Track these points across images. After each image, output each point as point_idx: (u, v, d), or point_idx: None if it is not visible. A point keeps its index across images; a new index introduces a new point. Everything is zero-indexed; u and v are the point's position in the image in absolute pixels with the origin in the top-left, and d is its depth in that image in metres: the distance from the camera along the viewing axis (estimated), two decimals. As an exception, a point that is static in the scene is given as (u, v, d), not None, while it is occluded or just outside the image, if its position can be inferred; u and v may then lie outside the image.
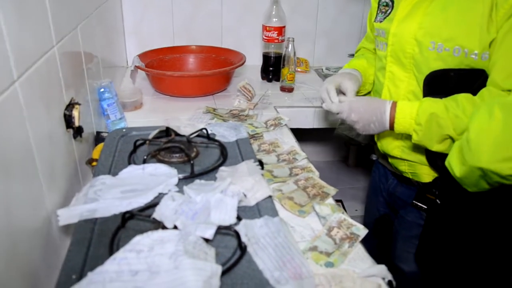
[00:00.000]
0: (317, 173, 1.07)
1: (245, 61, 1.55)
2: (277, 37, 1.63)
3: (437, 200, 1.00)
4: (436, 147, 0.91)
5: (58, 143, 0.81)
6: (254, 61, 1.81)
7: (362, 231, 0.86)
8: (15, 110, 0.61)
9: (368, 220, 1.35)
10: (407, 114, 0.91)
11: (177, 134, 0.96)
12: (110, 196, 0.77)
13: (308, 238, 0.84)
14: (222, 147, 0.95)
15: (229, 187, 0.79)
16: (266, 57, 1.69)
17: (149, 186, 0.80)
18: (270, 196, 0.78)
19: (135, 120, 1.33)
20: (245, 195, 0.78)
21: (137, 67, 1.50)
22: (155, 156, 0.91)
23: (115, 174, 0.85)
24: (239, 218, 0.72)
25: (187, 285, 0.56)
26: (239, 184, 0.80)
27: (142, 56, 1.60)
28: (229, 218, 0.70)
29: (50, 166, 0.75)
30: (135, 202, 0.75)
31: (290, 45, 1.52)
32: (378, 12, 1.07)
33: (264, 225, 0.70)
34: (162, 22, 1.82)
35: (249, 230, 0.69)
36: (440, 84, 0.93)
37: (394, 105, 0.94)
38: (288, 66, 1.54)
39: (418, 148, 1.00)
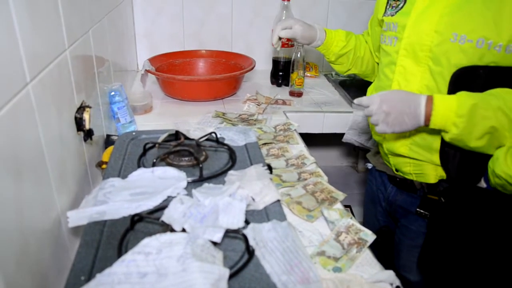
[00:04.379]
0: (325, 177, 1.06)
1: (254, 66, 1.56)
2: (287, 42, 1.63)
3: (441, 199, 0.99)
4: (474, 143, 0.84)
5: (69, 145, 0.82)
6: (264, 66, 1.82)
7: (370, 236, 0.86)
8: (28, 112, 0.62)
9: None
10: (446, 107, 0.84)
11: (186, 138, 0.97)
12: (119, 198, 0.78)
13: (316, 243, 0.84)
14: (231, 151, 0.95)
15: (237, 191, 0.79)
16: (275, 61, 1.70)
17: (158, 189, 0.80)
18: (278, 200, 0.78)
19: (145, 123, 1.34)
20: (253, 199, 0.78)
21: (147, 71, 1.51)
22: (164, 160, 0.91)
23: (124, 176, 0.85)
24: (247, 222, 0.72)
25: (195, 287, 0.56)
26: (247, 188, 0.80)
27: (153, 60, 1.61)
28: (237, 221, 0.70)
29: (61, 168, 0.76)
30: (144, 205, 0.76)
31: (299, 50, 1.52)
32: (388, 7, 1.06)
33: (272, 229, 0.70)
34: (172, 26, 1.84)
35: (257, 234, 0.69)
36: (467, 82, 0.89)
37: (429, 99, 0.86)
38: (297, 70, 1.55)
39: (426, 146, 0.99)
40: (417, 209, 1.07)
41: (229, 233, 0.67)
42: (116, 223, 0.72)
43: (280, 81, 1.71)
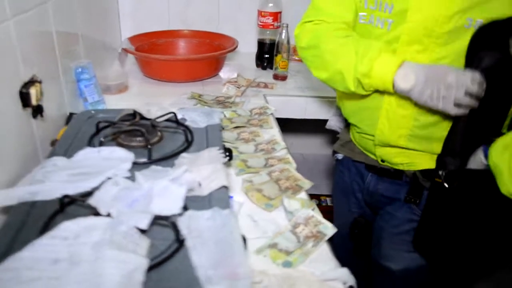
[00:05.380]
0: (294, 164, 1.00)
1: (236, 47, 1.49)
2: (272, 23, 1.56)
3: (445, 184, 0.92)
4: None
5: (9, 121, 0.77)
6: (252, 49, 1.75)
7: (330, 230, 0.80)
8: None
9: (339, 223, 1.27)
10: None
11: (142, 118, 0.91)
12: (57, 178, 0.73)
13: (270, 234, 0.78)
14: (188, 133, 0.89)
15: (183, 174, 0.73)
16: (261, 43, 1.62)
17: (101, 170, 0.75)
18: (225, 187, 0.72)
19: (117, 103, 1.29)
20: (200, 184, 0.73)
21: (124, 50, 1.46)
22: (115, 139, 0.86)
23: (70, 156, 0.80)
24: (186, 208, 0.66)
25: (103, 278, 0.51)
26: (196, 172, 0.75)
27: (133, 39, 1.55)
28: (173, 207, 0.65)
29: (-7, 145, 0.71)
30: (81, 186, 0.71)
31: (284, 32, 1.45)
32: None
33: (211, 218, 0.64)
34: (158, 6, 1.77)
35: (193, 222, 0.63)
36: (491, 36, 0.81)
37: None
38: (281, 53, 1.47)
39: (427, 136, 0.93)
40: (407, 196, 1.02)
41: (158, 220, 0.61)
42: (47, 205, 0.67)
43: (265, 64, 1.63)
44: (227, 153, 0.89)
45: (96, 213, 0.62)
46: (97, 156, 0.80)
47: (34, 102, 0.83)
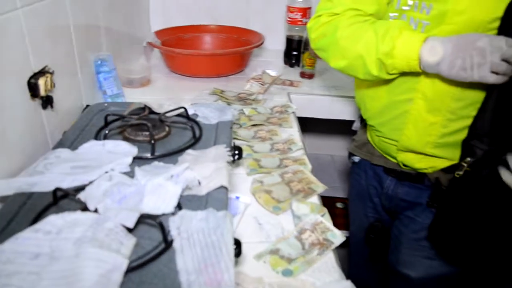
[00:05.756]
0: (309, 166, 0.95)
1: (262, 43, 1.45)
2: (301, 19, 1.50)
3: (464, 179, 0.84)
4: None
5: (16, 111, 0.77)
6: (280, 45, 1.70)
7: (338, 238, 0.74)
8: None
9: (355, 229, 1.21)
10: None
11: (151, 112, 0.89)
12: (58, 170, 0.72)
13: (274, 239, 0.74)
14: (197, 129, 0.86)
15: (184, 172, 0.70)
16: (289, 40, 1.57)
17: (101, 164, 0.73)
18: (224, 187, 0.68)
19: (137, 97, 1.28)
20: (199, 183, 0.69)
21: (149, 43, 1.45)
22: (122, 133, 0.84)
23: (75, 148, 0.79)
24: (180, 208, 0.63)
25: (80, 276, 0.48)
26: (197, 170, 0.72)
27: (160, 33, 1.55)
28: (165, 206, 0.62)
29: (-2, 134, 0.71)
30: (79, 179, 0.69)
31: (311, 27, 1.39)
32: None
33: (203, 219, 0.61)
34: (188, 1, 1.76)
35: (185, 222, 0.60)
36: None
37: None
38: (309, 50, 1.42)
39: (456, 142, 0.85)
40: (429, 201, 0.94)
41: (146, 219, 0.58)
42: (43, 197, 0.66)
43: (293, 61, 1.58)
44: (236, 152, 0.85)
45: (84, 208, 0.60)
46: (101, 149, 0.78)
47: (42, 92, 0.83)
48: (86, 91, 1.09)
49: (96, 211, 0.59)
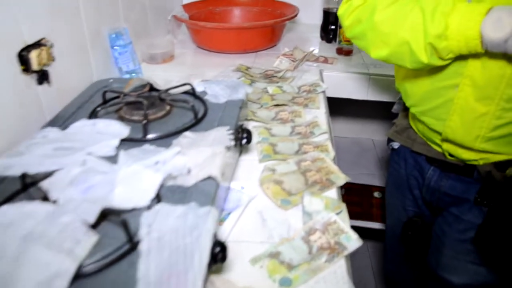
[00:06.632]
0: (332, 153, 0.82)
1: (296, 15, 1.31)
2: (340, -10, 1.34)
3: None
4: None
5: (5, 86, 0.71)
6: (316, 20, 1.55)
7: (353, 242, 0.62)
8: None
9: (392, 222, 1.07)
10: None
11: (152, 89, 0.80)
12: (39, 152, 0.65)
13: (277, 240, 0.63)
14: (200, 108, 0.76)
15: (174, 158, 0.61)
16: (326, 13, 1.42)
17: (84, 145, 0.66)
18: (212, 177, 0.58)
19: (157, 73, 1.20)
20: (189, 171, 0.60)
21: (174, 17, 1.36)
22: (118, 112, 0.76)
23: (66, 127, 0.72)
24: (159, 200, 0.54)
25: (16, 283, 0.41)
26: (190, 155, 0.62)
27: (189, 6, 1.46)
28: (138, 198, 0.53)
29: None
30: (58, 163, 0.62)
31: (350, -3, 1.23)
32: None
33: (181, 216, 0.51)
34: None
35: (158, 219, 0.50)
36: None
37: None
38: (347, 22, 1.26)
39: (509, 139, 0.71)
40: (477, 197, 0.80)
41: (110, 216, 0.49)
42: (16, 182, 0.59)
43: (330, 36, 1.43)
44: (245, 135, 0.74)
45: (45, 198, 0.52)
46: (91, 129, 0.71)
47: (35, 67, 0.76)
48: (97, 67, 1.02)
49: (55, 202, 0.51)
